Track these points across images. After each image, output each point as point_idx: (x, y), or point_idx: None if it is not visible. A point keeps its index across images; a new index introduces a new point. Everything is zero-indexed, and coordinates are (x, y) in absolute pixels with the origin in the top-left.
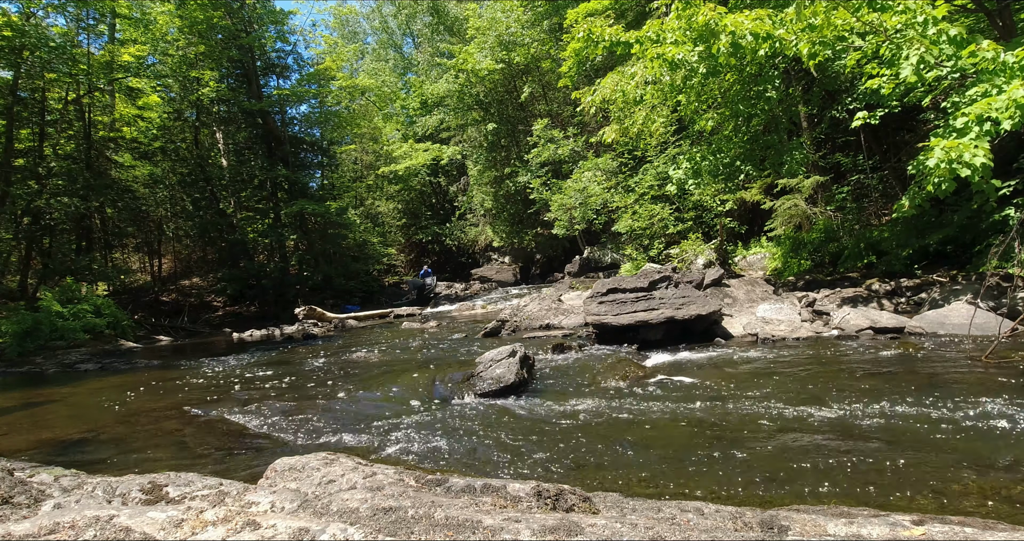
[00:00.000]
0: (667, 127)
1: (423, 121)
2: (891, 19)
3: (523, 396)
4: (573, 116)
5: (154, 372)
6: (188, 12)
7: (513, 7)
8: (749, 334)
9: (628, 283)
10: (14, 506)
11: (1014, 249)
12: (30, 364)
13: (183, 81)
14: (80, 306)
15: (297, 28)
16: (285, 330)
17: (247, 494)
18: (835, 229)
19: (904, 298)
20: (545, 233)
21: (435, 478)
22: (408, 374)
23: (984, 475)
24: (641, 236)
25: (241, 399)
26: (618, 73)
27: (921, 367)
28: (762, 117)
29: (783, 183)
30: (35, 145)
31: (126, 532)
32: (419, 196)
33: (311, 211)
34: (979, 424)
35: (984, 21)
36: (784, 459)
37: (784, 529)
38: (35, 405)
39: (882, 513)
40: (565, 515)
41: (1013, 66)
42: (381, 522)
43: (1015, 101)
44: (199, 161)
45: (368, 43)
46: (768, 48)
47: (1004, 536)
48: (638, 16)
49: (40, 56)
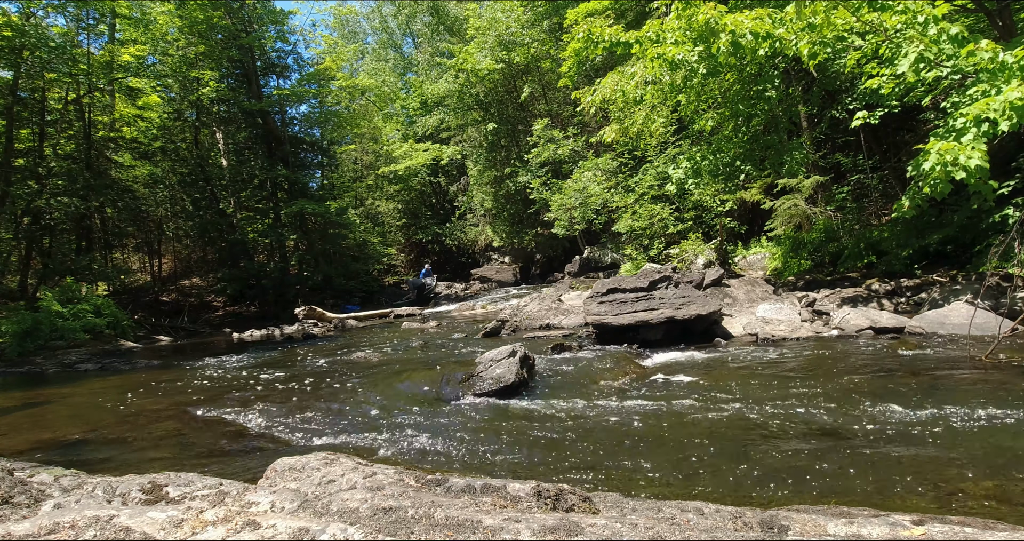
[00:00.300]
0: (667, 127)
1: (423, 121)
2: (891, 19)
3: (523, 396)
4: (573, 116)
5: (154, 372)
6: (188, 12)
7: (513, 7)
8: (749, 334)
9: (628, 283)
10: (14, 506)
11: (1014, 249)
12: (30, 364)
13: (183, 81)
14: (80, 306)
15: (297, 28)
16: (285, 330)
17: (247, 494)
18: (835, 229)
19: (904, 298)
20: (545, 233)
21: (435, 478)
22: (408, 374)
23: (984, 475)
24: (641, 236)
25: (241, 399)
26: (618, 73)
27: (921, 367)
28: (762, 117)
29: (783, 183)
30: (35, 145)
31: (126, 532)
32: (419, 196)
33: (311, 211)
34: (979, 424)
35: (984, 21)
36: (784, 459)
37: (784, 529)
38: (35, 405)
39: (882, 513)
40: (565, 515)
41: (1012, 66)
42: (381, 522)
43: (1011, 102)
44: (199, 161)
45: (368, 43)
46: (768, 47)
47: (1004, 536)
48: (638, 16)
49: (40, 56)
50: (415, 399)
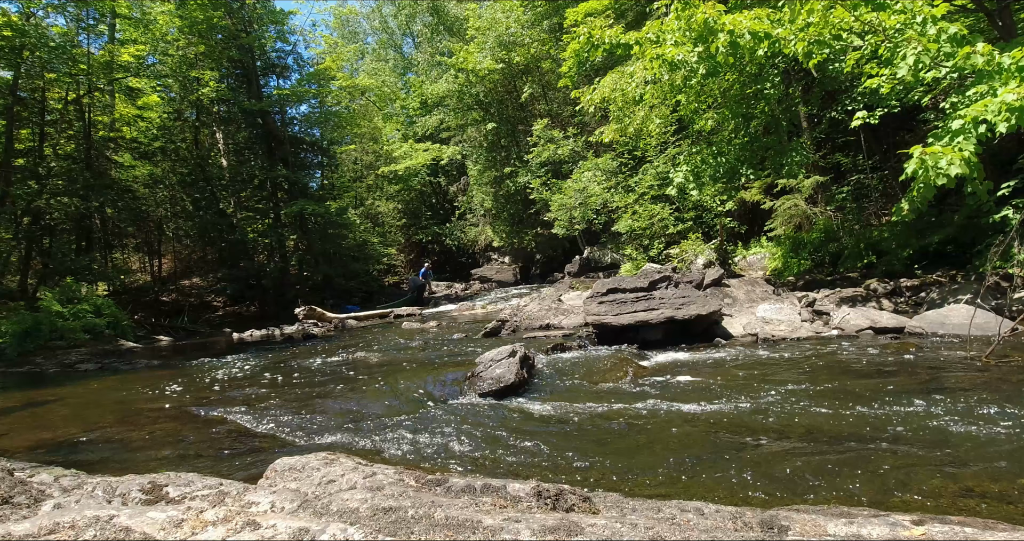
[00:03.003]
0: (667, 127)
1: (423, 121)
2: (890, 18)
3: (523, 396)
4: (573, 116)
5: (154, 372)
6: (188, 12)
7: (513, 7)
8: (749, 334)
9: (628, 283)
10: (14, 506)
11: (1014, 249)
12: (30, 364)
13: (183, 81)
14: (80, 306)
15: (297, 28)
16: (285, 330)
17: (247, 494)
18: (835, 229)
19: (904, 298)
20: (545, 233)
21: (435, 478)
22: (408, 374)
23: (984, 475)
24: (641, 236)
25: (241, 399)
26: (618, 72)
27: (921, 367)
28: (762, 119)
29: (783, 183)
30: (35, 145)
31: (126, 532)
32: (419, 196)
33: (311, 211)
34: (979, 424)
35: (984, 21)
36: (784, 459)
37: (784, 529)
38: (35, 405)
39: (882, 513)
40: (565, 515)
41: (1010, 67)
42: (381, 522)
43: (1007, 104)
44: (199, 161)
45: (368, 43)
46: (767, 47)
47: (1004, 536)
48: (638, 16)
49: (40, 56)
50: (415, 399)
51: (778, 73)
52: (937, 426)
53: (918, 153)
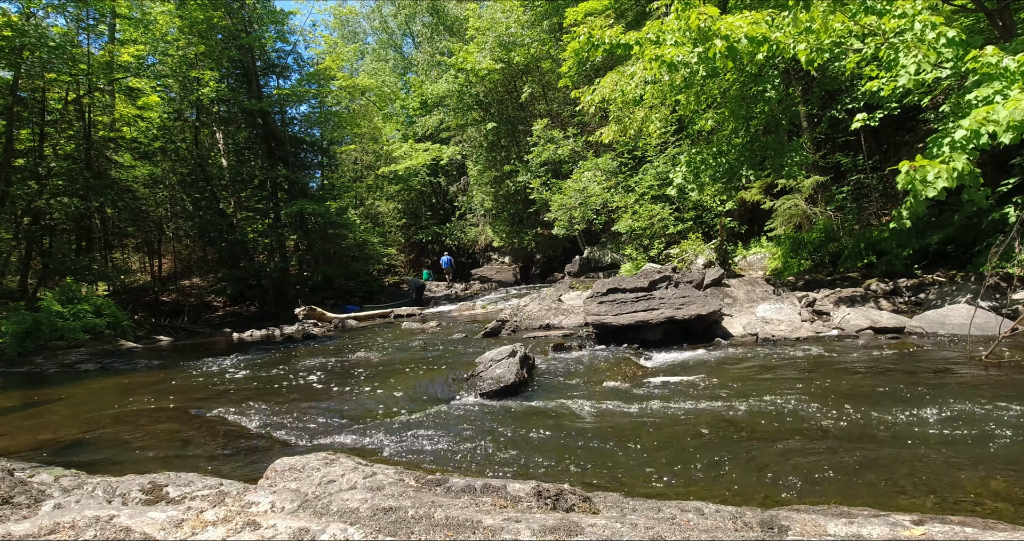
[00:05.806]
0: (667, 127)
1: (423, 121)
2: (890, 22)
3: (523, 396)
4: (573, 116)
5: (154, 372)
6: (188, 12)
7: (513, 7)
8: (749, 334)
9: (628, 283)
10: (14, 506)
11: (1014, 249)
12: (30, 364)
13: (183, 81)
14: (80, 306)
15: (297, 28)
16: (285, 330)
17: (247, 494)
18: (835, 229)
19: (904, 298)
20: (545, 233)
21: (435, 478)
22: (408, 374)
23: (984, 475)
24: (641, 236)
25: (241, 399)
26: (618, 72)
27: (921, 367)
28: (761, 119)
29: (783, 183)
30: (35, 145)
31: (126, 532)
32: (419, 196)
33: (311, 211)
34: (979, 424)
35: (984, 21)
36: (784, 459)
37: (784, 529)
38: (35, 405)
39: (882, 513)
40: (565, 515)
41: (1015, 71)
42: (381, 522)
43: (1016, 120)
44: (199, 161)
45: (368, 43)
46: (766, 51)
47: (1004, 536)
48: (638, 16)
49: (40, 56)
50: (415, 399)
51: (778, 74)
52: (937, 426)
53: (906, 168)
